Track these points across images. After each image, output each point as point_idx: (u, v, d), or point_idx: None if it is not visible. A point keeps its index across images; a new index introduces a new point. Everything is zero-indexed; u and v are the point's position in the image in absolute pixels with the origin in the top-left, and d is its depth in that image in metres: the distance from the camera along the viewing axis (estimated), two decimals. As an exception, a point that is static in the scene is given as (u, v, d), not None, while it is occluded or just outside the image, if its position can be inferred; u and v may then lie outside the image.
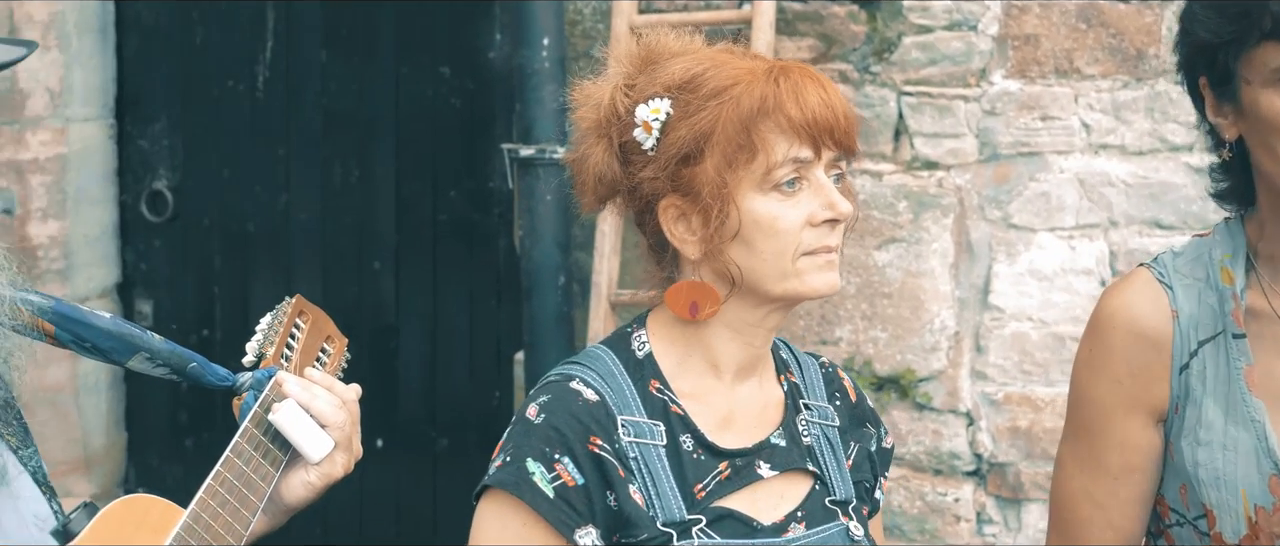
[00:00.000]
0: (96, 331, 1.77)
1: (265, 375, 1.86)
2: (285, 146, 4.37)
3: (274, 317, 1.97)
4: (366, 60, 4.30)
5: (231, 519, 1.70)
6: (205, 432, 4.48)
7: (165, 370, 1.84)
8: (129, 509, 1.63)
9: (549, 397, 1.76)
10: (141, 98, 4.42)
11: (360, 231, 4.36)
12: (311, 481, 1.80)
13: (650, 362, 1.80)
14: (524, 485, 1.72)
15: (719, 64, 1.76)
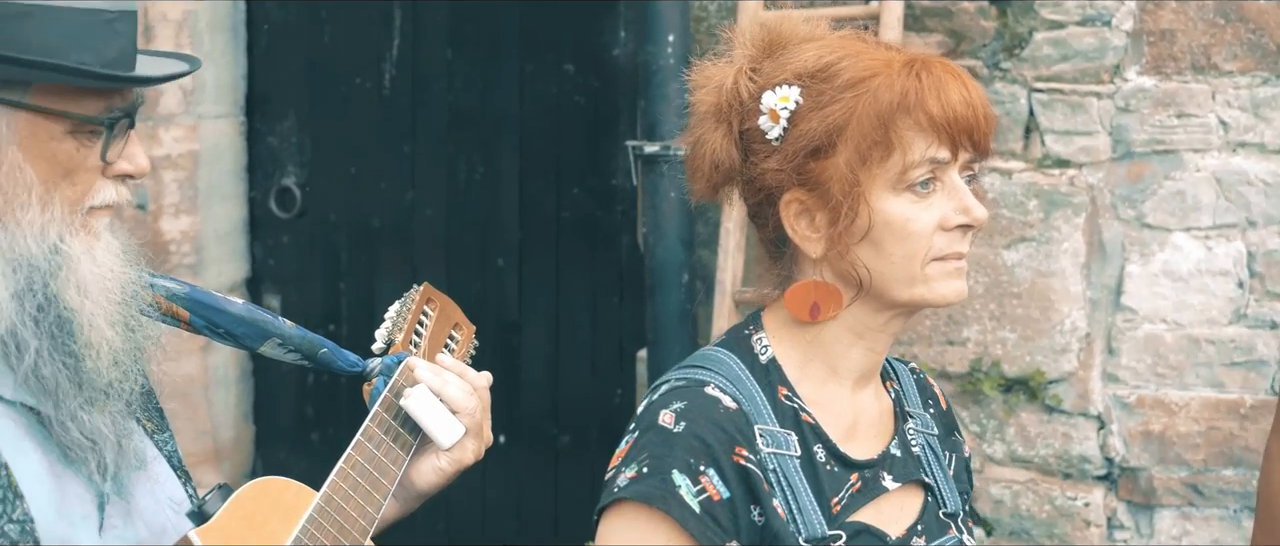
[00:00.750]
0: (229, 317, 1.79)
1: (394, 360, 1.87)
2: (411, 144, 4.40)
3: (402, 305, 1.97)
4: (491, 58, 4.32)
5: (363, 501, 1.71)
6: (331, 427, 4.53)
7: (296, 356, 1.85)
8: (263, 490, 1.64)
9: (686, 404, 1.64)
10: (271, 95, 4.48)
11: (484, 228, 4.38)
12: (442, 467, 1.81)
13: (775, 367, 1.68)
14: (671, 499, 1.59)
15: (854, 53, 1.65)
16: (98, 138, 1.56)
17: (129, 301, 1.60)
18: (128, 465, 1.61)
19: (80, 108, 1.54)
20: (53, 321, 1.53)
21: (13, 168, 1.52)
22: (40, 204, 1.54)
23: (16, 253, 1.52)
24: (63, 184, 1.55)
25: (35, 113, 1.53)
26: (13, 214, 1.53)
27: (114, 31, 1.55)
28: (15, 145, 1.53)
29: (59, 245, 1.54)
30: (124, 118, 1.58)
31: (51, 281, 1.53)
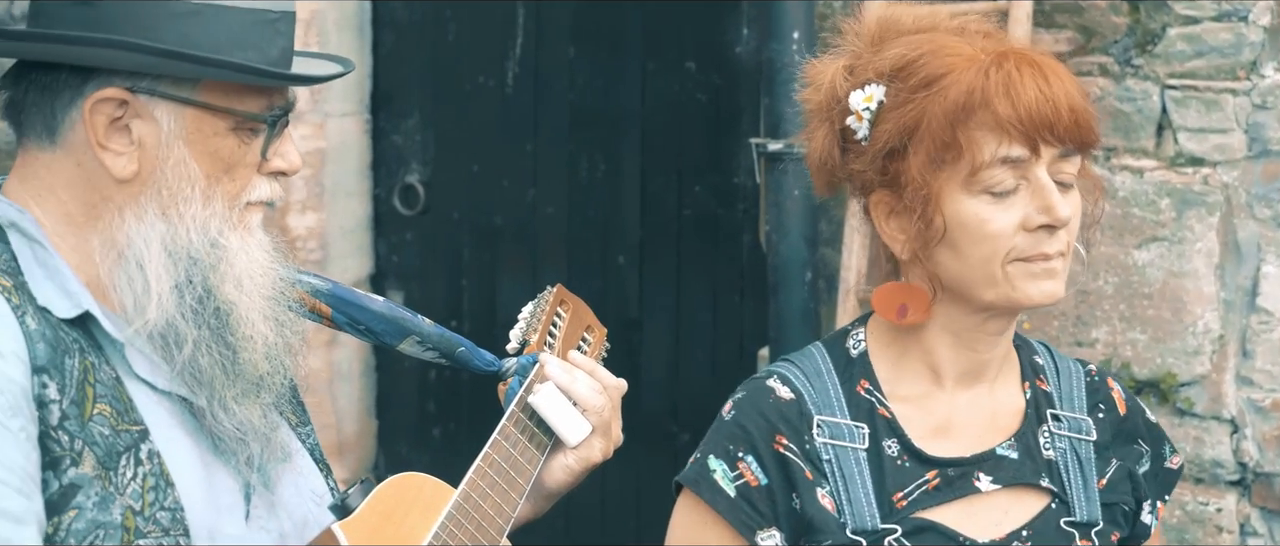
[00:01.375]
0: (370, 314, 1.81)
1: (530, 360, 1.88)
2: (533, 142, 4.43)
3: (536, 306, 1.98)
4: (614, 56, 4.33)
5: (500, 499, 1.72)
6: (452, 423, 4.57)
7: (434, 353, 1.87)
8: (403, 486, 1.66)
9: (743, 394, 1.71)
10: (395, 94, 4.53)
11: (605, 226, 4.39)
12: (570, 465, 1.81)
13: (863, 362, 1.71)
14: (703, 482, 1.67)
15: (936, 50, 1.63)
16: (258, 135, 1.59)
17: (280, 297, 1.62)
18: (274, 457, 1.64)
19: (244, 105, 1.57)
20: (211, 314, 1.56)
21: (178, 162, 1.55)
22: (202, 198, 1.56)
23: (178, 245, 1.55)
24: (223, 179, 1.58)
25: (201, 109, 1.55)
26: (176, 207, 1.55)
27: (277, 31, 1.58)
28: (181, 140, 1.55)
29: (218, 239, 1.57)
30: (283, 116, 1.61)
31: (211, 274, 1.56)
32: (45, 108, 1.56)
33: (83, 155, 1.55)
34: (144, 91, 1.54)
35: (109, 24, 1.51)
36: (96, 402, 1.50)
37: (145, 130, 1.54)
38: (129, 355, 1.55)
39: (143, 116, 1.54)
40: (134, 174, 1.55)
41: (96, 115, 1.53)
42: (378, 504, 1.62)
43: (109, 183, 1.55)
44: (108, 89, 1.53)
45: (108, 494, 1.47)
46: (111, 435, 1.49)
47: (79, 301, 1.53)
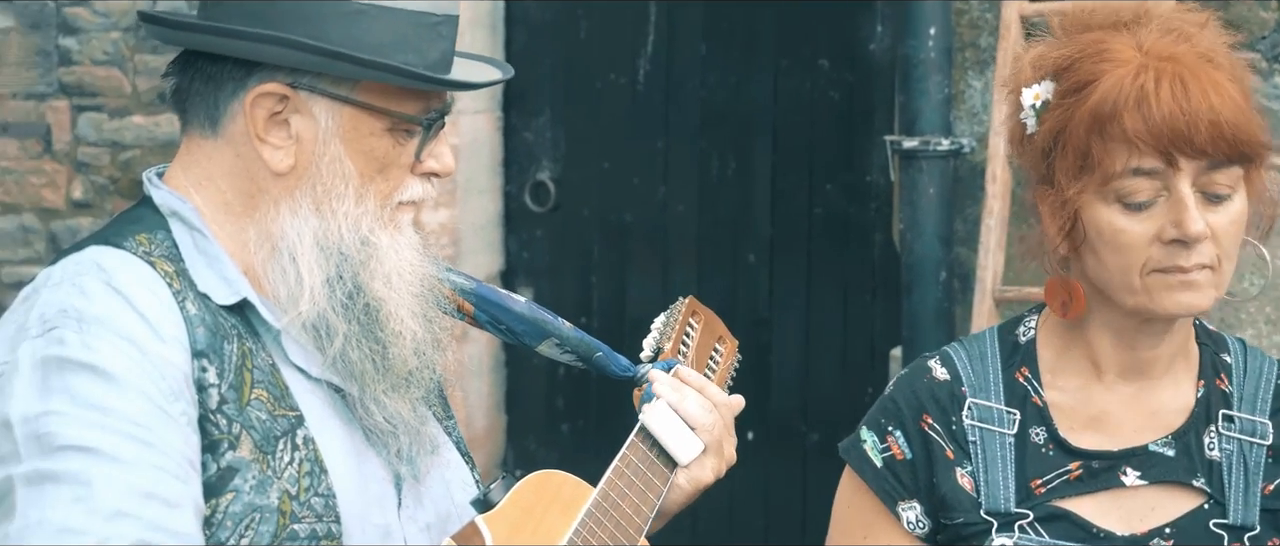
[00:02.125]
0: (512, 315, 1.82)
1: (665, 367, 1.87)
2: (664, 139, 4.42)
3: (669, 316, 1.98)
4: (746, 54, 4.31)
5: (638, 500, 1.71)
6: (580, 419, 4.58)
7: (572, 357, 1.87)
8: (544, 482, 1.66)
9: (906, 371, 1.79)
10: (527, 91, 4.55)
11: (735, 224, 4.38)
12: (681, 484, 1.78)
13: (1028, 350, 1.75)
14: (854, 452, 1.77)
15: (1094, 53, 1.63)
16: (413, 137, 1.61)
17: (428, 294, 1.64)
18: (423, 450, 1.65)
19: (401, 107, 1.58)
20: (361, 309, 1.58)
21: (334, 159, 1.57)
22: (355, 196, 1.58)
23: (330, 241, 1.57)
24: (377, 178, 1.59)
25: (359, 108, 1.57)
26: (330, 203, 1.57)
27: (438, 35, 1.59)
28: (338, 138, 1.57)
29: (369, 237, 1.58)
30: (439, 118, 1.62)
31: (361, 271, 1.58)
32: (209, 97, 1.58)
33: (242, 146, 1.57)
34: (304, 88, 1.56)
35: (275, 20, 1.53)
36: (254, 387, 1.52)
37: (303, 126, 1.56)
38: (284, 342, 1.57)
39: (302, 112, 1.56)
40: (290, 168, 1.57)
41: (257, 108, 1.56)
42: (519, 499, 1.62)
43: (266, 175, 1.57)
44: (269, 83, 1.55)
45: (265, 477, 1.49)
46: (268, 420, 1.52)
47: (237, 288, 1.55)
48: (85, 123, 4.87)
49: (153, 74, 4.75)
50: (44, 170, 4.93)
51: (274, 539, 1.48)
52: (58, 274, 1.51)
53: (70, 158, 4.89)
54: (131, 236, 1.55)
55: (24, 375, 1.42)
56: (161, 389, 1.44)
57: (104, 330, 1.44)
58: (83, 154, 4.88)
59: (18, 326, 1.48)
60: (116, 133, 4.83)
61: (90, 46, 4.83)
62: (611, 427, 4.46)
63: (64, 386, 1.41)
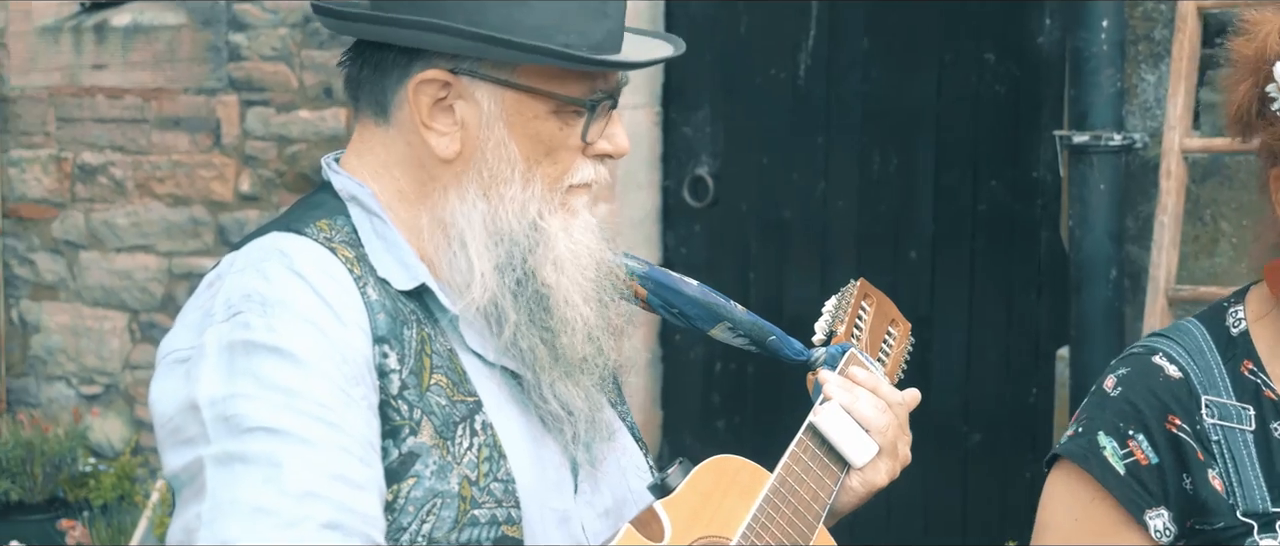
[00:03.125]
0: (684, 298, 1.80)
1: (839, 350, 1.84)
2: (824, 134, 4.38)
3: (840, 299, 1.94)
4: (909, 48, 4.25)
5: (815, 486, 1.68)
6: (737, 415, 4.56)
7: (745, 341, 1.84)
8: (721, 467, 1.64)
9: (1128, 370, 1.69)
10: (686, 86, 4.54)
11: (897, 221, 4.32)
12: (854, 487, 1.73)
13: (1245, 341, 1.69)
14: (1093, 458, 1.66)
15: None
16: (580, 118, 1.58)
17: (602, 279, 1.61)
18: (598, 436, 1.64)
19: (565, 89, 1.56)
20: (531, 296, 1.56)
21: (498, 144, 1.55)
22: (522, 180, 1.56)
23: (499, 227, 1.56)
24: (544, 162, 1.57)
25: (521, 92, 1.55)
26: (496, 189, 1.56)
27: (604, 14, 1.56)
28: (502, 122, 1.55)
29: (538, 222, 1.56)
30: (606, 99, 1.59)
31: (530, 257, 1.56)
32: (377, 86, 1.59)
33: (411, 134, 1.57)
34: (465, 73, 1.55)
35: (437, 7, 1.53)
36: (433, 373, 1.52)
37: (468, 111, 1.55)
38: (461, 328, 1.56)
39: (465, 98, 1.55)
40: (457, 154, 1.56)
41: (420, 95, 1.55)
42: (697, 484, 1.60)
43: (434, 162, 1.57)
44: (430, 70, 1.55)
45: (445, 463, 1.49)
46: (448, 405, 1.51)
47: (416, 273, 1.55)
48: (253, 117, 4.96)
49: (319, 69, 4.83)
50: (213, 164, 5.04)
51: (455, 524, 1.48)
52: (241, 260, 1.52)
53: (238, 151, 4.99)
54: (312, 222, 1.56)
55: (210, 359, 1.43)
56: (344, 372, 1.44)
57: (287, 313, 1.45)
58: (251, 148, 4.98)
59: (203, 312, 1.50)
60: (283, 127, 4.92)
61: (259, 42, 4.92)
62: (767, 424, 4.45)
63: (250, 369, 1.41)
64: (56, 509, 4.90)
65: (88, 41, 5.17)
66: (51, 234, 5.29)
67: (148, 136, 5.11)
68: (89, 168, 5.21)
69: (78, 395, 5.30)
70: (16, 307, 5.37)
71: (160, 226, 5.11)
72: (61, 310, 5.30)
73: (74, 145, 5.22)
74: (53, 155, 5.26)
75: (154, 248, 5.13)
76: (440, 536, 1.47)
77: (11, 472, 4.85)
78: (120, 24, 5.14)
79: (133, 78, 5.11)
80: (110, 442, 5.15)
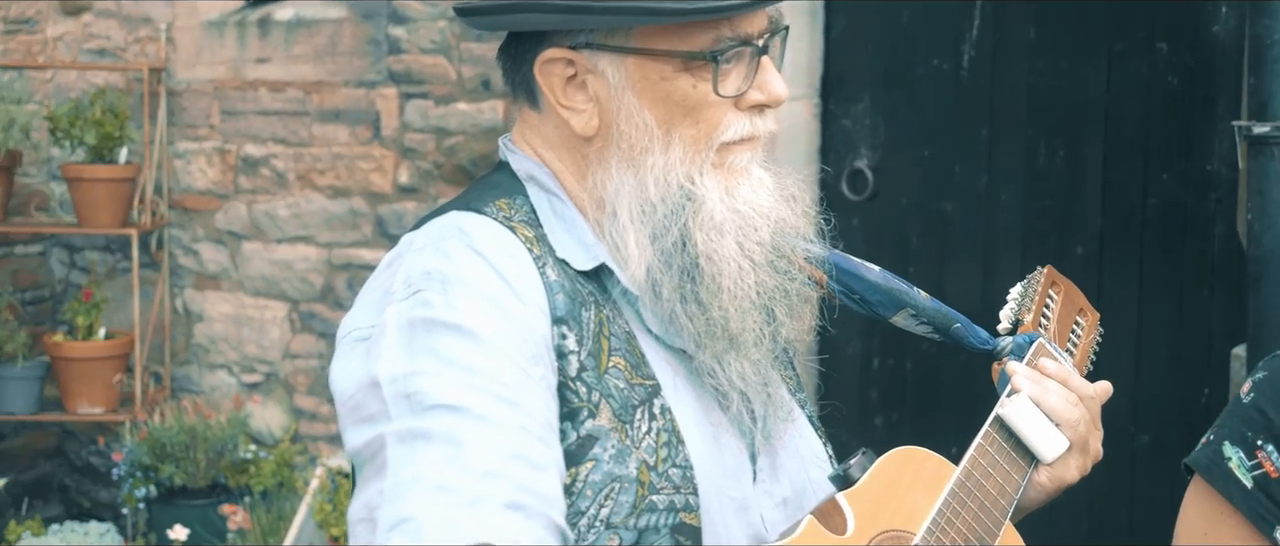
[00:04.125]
0: (866, 284, 1.75)
1: (1026, 340, 1.78)
2: (988, 127, 4.29)
3: (1026, 286, 1.89)
4: (1077, 37, 4.14)
5: (1002, 480, 1.63)
6: (894, 413, 4.48)
7: (928, 328, 1.79)
8: (906, 459, 1.59)
9: (1264, 375, 1.61)
10: (846, 78, 4.47)
11: (1063, 215, 4.21)
12: (1042, 482, 1.67)
13: None
14: (1216, 470, 1.58)
15: None
16: (720, 68, 1.49)
17: (780, 242, 1.54)
18: (777, 417, 1.59)
19: (685, 43, 1.48)
20: (683, 265, 1.50)
21: (630, 112, 1.50)
22: (661, 146, 1.50)
23: (647, 196, 1.51)
24: (683, 123, 1.50)
25: (640, 55, 1.49)
26: (638, 158, 1.51)
27: None
28: (629, 89, 1.50)
29: (686, 185, 1.50)
30: (739, 46, 1.49)
31: (678, 223, 1.50)
32: (517, 73, 1.57)
33: (555, 115, 1.54)
34: (582, 46, 1.50)
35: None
36: (611, 355, 1.48)
37: (597, 84, 1.51)
38: (640, 308, 1.53)
39: (592, 71, 1.51)
40: (596, 129, 1.52)
41: (548, 76, 1.52)
42: (880, 475, 1.55)
43: (578, 140, 1.54)
44: (550, 49, 1.52)
45: (624, 447, 1.45)
46: (626, 388, 1.48)
47: (595, 254, 1.52)
48: (412, 110, 5.00)
49: (477, 62, 4.85)
50: (372, 156, 5.09)
51: (633, 510, 1.44)
52: (420, 239, 1.51)
53: (397, 144, 5.04)
54: (491, 202, 1.54)
55: (391, 336, 1.42)
56: (524, 352, 1.42)
57: (468, 291, 1.43)
58: (409, 140, 5.02)
59: (382, 291, 1.49)
60: (442, 119, 4.95)
61: (418, 35, 4.96)
62: (926, 422, 4.36)
63: (430, 347, 1.39)
64: (218, 494, 4.98)
65: (251, 35, 5.25)
66: (215, 225, 5.38)
67: (309, 129, 5.18)
68: (252, 160, 5.29)
69: (239, 383, 5.39)
70: (180, 297, 5.48)
71: (320, 218, 5.17)
72: (224, 299, 5.39)
73: (237, 137, 5.30)
74: (217, 147, 5.35)
75: (314, 239, 5.19)
76: (618, 521, 1.44)
77: (176, 458, 4.94)
78: (283, 18, 5.21)
79: (294, 71, 5.18)
80: (270, 430, 5.23)
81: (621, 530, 1.44)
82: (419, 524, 1.29)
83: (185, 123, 5.39)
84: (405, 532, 1.29)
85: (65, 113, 5.10)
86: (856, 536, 1.49)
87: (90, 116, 5.09)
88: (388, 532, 1.30)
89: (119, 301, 5.51)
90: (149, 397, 5.30)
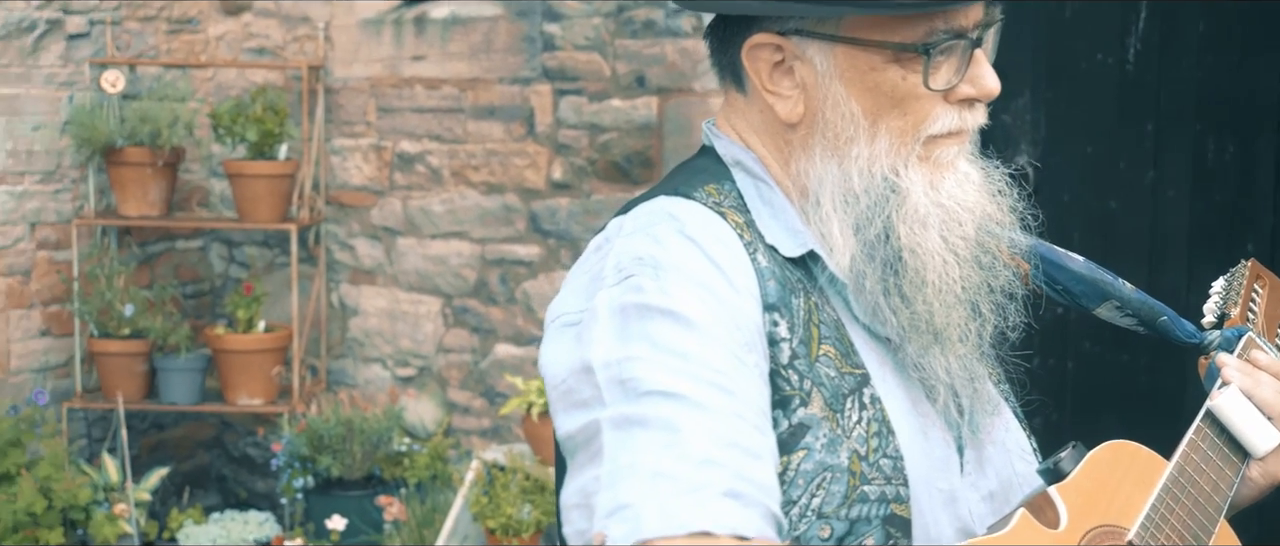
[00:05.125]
0: (1069, 274, 1.71)
1: (1235, 334, 1.73)
2: (1154, 122, 4.20)
3: (1230, 279, 1.84)
4: (1250, 31, 4.04)
5: (1215, 477, 1.58)
6: (1054, 413, 4.41)
7: (1132, 320, 1.75)
8: (1118, 453, 1.55)
9: None
10: (1007, 73, 4.37)
11: (1233, 212, 4.11)
12: (1254, 478, 1.63)
13: None
14: None
15: None
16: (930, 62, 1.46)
17: (980, 237, 1.51)
18: (983, 410, 1.56)
19: (896, 35, 1.45)
20: (886, 257, 1.48)
21: (837, 102, 1.48)
22: (867, 137, 1.48)
23: (850, 187, 1.49)
24: (890, 115, 1.47)
25: (850, 44, 1.47)
26: (842, 148, 1.49)
27: None
28: (837, 78, 1.48)
29: (891, 178, 1.48)
30: (952, 39, 1.46)
31: (881, 216, 1.48)
32: (725, 56, 1.55)
33: (761, 100, 1.53)
34: (791, 32, 1.48)
35: None
36: (821, 343, 1.47)
37: (805, 71, 1.49)
38: (848, 296, 1.51)
39: (800, 58, 1.49)
40: (801, 116, 1.50)
41: (755, 61, 1.51)
42: (1092, 470, 1.52)
43: (783, 126, 1.52)
44: (758, 35, 1.50)
45: (835, 436, 1.44)
46: (836, 377, 1.46)
47: (804, 240, 1.51)
48: (566, 106, 5.02)
49: (631, 58, 4.86)
50: (526, 152, 5.12)
51: (844, 500, 1.43)
52: (629, 224, 1.50)
53: (551, 140, 5.06)
54: (700, 187, 1.53)
55: (603, 322, 1.41)
56: (737, 339, 1.40)
57: (680, 277, 1.42)
58: (563, 136, 5.04)
59: (591, 276, 1.48)
60: (595, 116, 4.96)
61: (572, 32, 4.98)
62: (1087, 424, 4.28)
63: (644, 332, 1.38)
64: (374, 485, 5.05)
65: (407, 33, 5.31)
66: (370, 220, 5.45)
67: (463, 126, 5.23)
68: (407, 156, 5.35)
69: (393, 377, 5.46)
70: (336, 291, 5.56)
71: (474, 214, 5.21)
72: (378, 294, 5.46)
73: (393, 134, 5.37)
74: (373, 144, 5.43)
75: (468, 234, 5.24)
76: (830, 512, 1.42)
77: (333, 449, 5.02)
78: (439, 16, 5.26)
79: (449, 68, 5.23)
80: (423, 424, 5.29)
81: (833, 520, 1.43)
82: (637, 511, 1.28)
83: (342, 120, 5.47)
84: (623, 519, 1.28)
85: (227, 110, 5.20)
86: (1069, 531, 1.46)
87: (251, 114, 5.19)
88: (605, 519, 1.29)
89: (277, 295, 5.61)
90: (306, 390, 5.39)
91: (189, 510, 5.30)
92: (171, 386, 5.29)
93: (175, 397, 5.30)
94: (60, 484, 4.76)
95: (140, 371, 5.29)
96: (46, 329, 5.27)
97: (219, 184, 5.71)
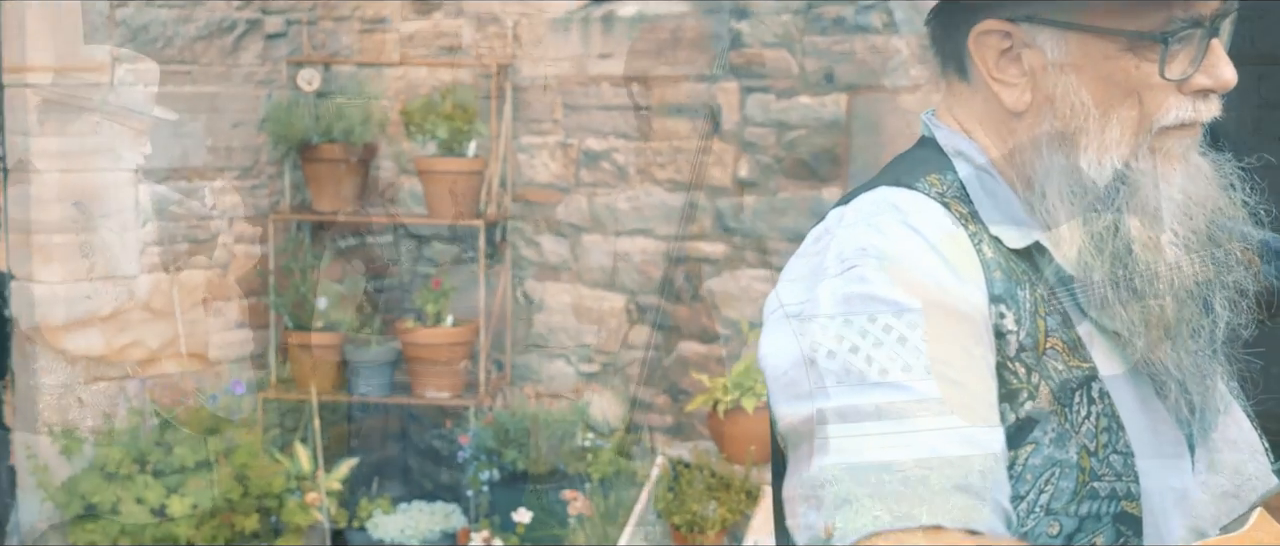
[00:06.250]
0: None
1: None
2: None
3: None
4: None
5: None
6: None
7: None
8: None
9: None
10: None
11: None
12: None
13: None
14: None
15: None
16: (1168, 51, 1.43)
17: (1212, 231, 1.47)
18: (1212, 408, 1.52)
19: (1135, 22, 1.42)
20: (1115, 251, 1.45)
21: (1067, 90, 1.45)
22: (1097, 126, 1.44)
23: (1078, 178, 1.45)
24: (1122, 105, 1.44)
25: (1086, 32, 1.43)
26: (1070, 139, 1.46)
27: None
28: (1067, 66, 1.45)
29: (1120, 169, 1.45)
30: (1189, 28, 1.43)
31: (1110, 208, 1.45)
32: (950, 42, 1.53)
33: (985, 89, 1.50)
34: (1022, 19, 1.46)
35: None
36: (1048, 336, 1.44)
37: (1034, 59, 1.46)
38: (1074, 289, 1.48)
39: (1030, 45, 1.46)
40: (1027, 105, 1.48)
41: (983, 47, 1.48)
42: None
43: (1007, 115, 1.50)
44: (987, 21, 1.47)
45: (1063, 431, 1.41)
46: (1064, 370, 1.43)
47: (1029, 232, 1.48)
48: (753, 103, 5.01)
49: (820, 55, 4.83)
50: (712, 149, 5.12)
51: (1074, 496, 1.40)
52: (851, 214, 1.48)
53: (737, 137, 5.06)
54: (922, 177, 1.51)
55: (826, 313, 1.40)
56: (964, 330, 1.38)
57: (905, 268, 1.40)
58: (749, 134, 5.03)
59: (812, 267, 1.47)
60: (783, 113, 4.94)
61: (760, 29, 4.96)
62: None
63: (868, 323, 1.37)
64: (558, 480, 5.09)
65: (594, 32, 5.35)
66: (556, 217, 5.50)
67: (649, 123, 5.24)
68: (593, 153, 5.39)
69: (577, 372, 5.50)
70: (522, 287, 5.63)
71: (659, 211, 5.23)
72: (564, 290, 5.51)
73: (579, 132, 5.41)
74: (559, 141, 5.47)
75: (653, 231, 5.26)
76: (1059, 508, 1.39)
77: (518, 443, 5.07)
78: (626, 14, 5.29)
79: (636, 66, 5.25)
80: (607, 419, 5.32)
81: (1062, 516, 1.40)
82: (866, 504, 1.27)
83: (529, 117, 5.53)
84: (853, 513, 1.27)
85: (418, 107, 5.29)
86: None
87: (441, 111, 5.27)
88: (834, 511, 1.28)
89: (463, 290, 5.69)
90: (491, 384, 5.46)
91: (378, 500, 5.40)
92: (362, 378, 5.40)
93: (365, 389, 5.41)
94: (255, 472, 4.89)
95: (332, 363, 5.41)
96: (243, 321, 5.42)
97: (408, 180, 5.81)
